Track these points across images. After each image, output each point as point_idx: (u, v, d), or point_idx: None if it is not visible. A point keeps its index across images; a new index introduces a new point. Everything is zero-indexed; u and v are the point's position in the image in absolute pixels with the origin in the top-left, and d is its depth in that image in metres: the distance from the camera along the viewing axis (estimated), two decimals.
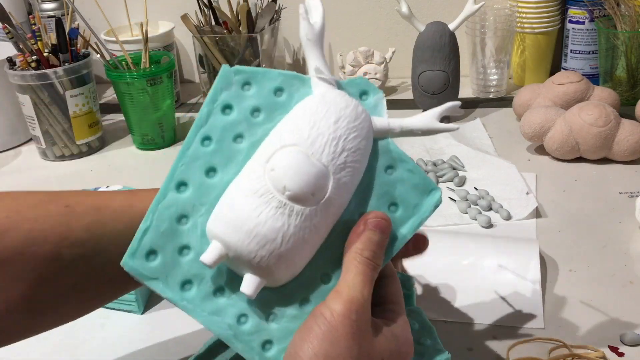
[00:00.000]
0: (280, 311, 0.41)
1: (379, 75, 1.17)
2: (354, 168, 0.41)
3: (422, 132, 0.44)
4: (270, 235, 0.39)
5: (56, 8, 1.31)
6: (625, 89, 1.05)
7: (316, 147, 0.40)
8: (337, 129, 0.40)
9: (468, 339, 0.59)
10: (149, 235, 0.41)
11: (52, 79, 0.99)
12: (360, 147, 0.41)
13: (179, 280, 0.41)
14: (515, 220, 0.77)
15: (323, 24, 0.44)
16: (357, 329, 0.37)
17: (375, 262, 0.40)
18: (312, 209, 0.39)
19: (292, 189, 0.39)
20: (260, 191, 0.39)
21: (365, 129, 0.42)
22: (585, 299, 0.63)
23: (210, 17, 1.15)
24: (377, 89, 0.45)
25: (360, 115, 0.42)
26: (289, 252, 0.39)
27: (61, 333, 0.63)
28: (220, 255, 0.39)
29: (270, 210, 0.39)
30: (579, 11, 1.10)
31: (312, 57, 0.43)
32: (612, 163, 0.89)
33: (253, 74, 0.43)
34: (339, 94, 0.42)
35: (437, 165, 0.90)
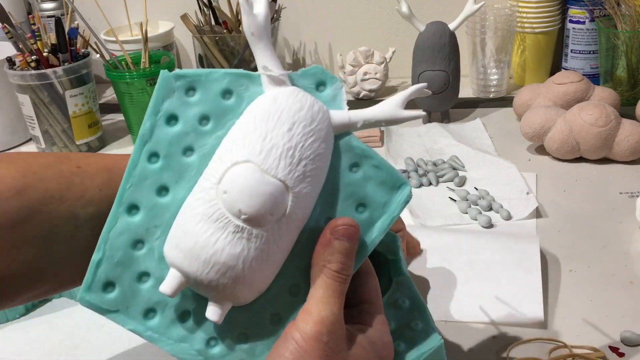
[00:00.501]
0: (249, 330, 0.39)
1: (379, 75, 1.17)
2: (315, 175, 0.38)
3: (386, 122, 0.40)
4: (230, 262, 0.37)
5: (56, 8, 1.31)
6: (625, 88, 1.05)
7: (270, 162, 0.36)
8: (292, 137, 0.37)
9: (468, 339, 0.59)
10: (104, 267, 0.39)
11: (52, 78, 0.99)
12: (320, 151, 0.38)
13: (140, 310, 0.39)
14: (516, 220, 0.77)
15: (267, 14, 0.39)
16: (329, 350, 0.36)
17: (344, 275, 0.38)
18: (273, 228, 0.37)
19: (248, 212, 0.36)
20: (214, 216, 0.36)
21: (324, 130, 0.38)
22: (585, 299, 0.63)
23: (210, 17, 1.15)
24: (334, 78, 0.41)
25: (317, 116, 0.38)
26: (252, 275, 0.37)
27: (61, 333, 0.63)
28: (180, 284, 0.37)
29: (227, 236, 0.36)
30: (579, 11, 1.10)
31: (259, 53, 0.39)
32: (613, 163, 0.89)
33: (196, 77, 0.40)
34: (291, 94, 0.38)
35: (437, 165, 0.90)
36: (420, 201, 0.83)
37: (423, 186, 0.86)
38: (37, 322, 0.65)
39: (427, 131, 1.00)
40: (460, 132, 1.01)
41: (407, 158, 0.91)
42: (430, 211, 0.80)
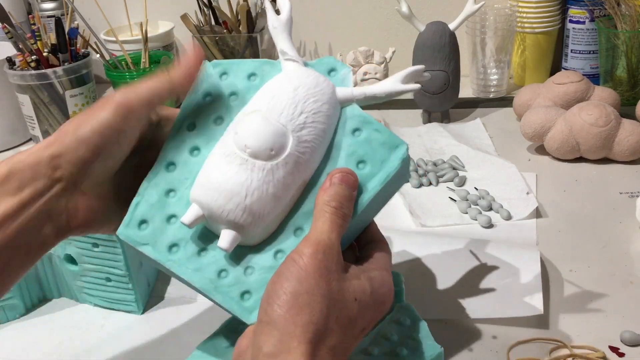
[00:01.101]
0: (256, 264, 0.45)
1: (379, 75, 1.17)
2: (315, 128, 0.45)
3: (385, 94, 0.47)
4: (235, 189, 0.43)
5: (56, 8, 1.31)
6: (625, 88, 1.05)
7: (275, 111, 0.45)
8: (295, 95, 0.45)
9: (468, 339, 0.59)
10: (141, 208, 0.46)
11: (52, 78, 0.99)
12: (322, 110, 0.45)
13: (166, 244, 0.45)
14: (516, 220, 0.77)
15: (289, 16, 0.49)
16: (324, 267, 0.40)
17: (342, 211, 0.43)
18: (273, 163, 0.44)
19: (251, 146, 0.44)
20: (226, 152, 0.44)
21: (327, 95, 0.46)
22: (585, 299, 0.63)
23: (210, 17, 1.15)
24: (345, 65, 0.49)
25: (321, 83, 0.46)
26: (254, 204, 0.43)
27: (61, 333, 0.63)
28: (197, 216, 0.44)
29: (234, 168, 0.44)
30: (580, 11, 1.10)
31: (279, 42, 0.48)
32: (613, 163, 0.89)
33: (229, 65, 0.49)
34: (302, 69, 0.47)
35: (437, 165, 0.90)
36: (421, 201, 0.83)
37: (423, 186, 0.86)
38: (37, 322, 0.65)
39: (427, 131, 1.00)
40: (460, 132, 1.01)
41: None
42: (430, 211, 0.80)
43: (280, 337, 0.37)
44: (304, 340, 0.37)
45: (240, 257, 0.45)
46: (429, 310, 0.61)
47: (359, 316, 0.41)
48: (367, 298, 0.42)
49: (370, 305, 0.42)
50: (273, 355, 0.37)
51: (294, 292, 0.39)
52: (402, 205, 0.82)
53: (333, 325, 0.39)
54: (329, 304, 0.39)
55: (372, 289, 0.42)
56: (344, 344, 0.40)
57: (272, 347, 0.37)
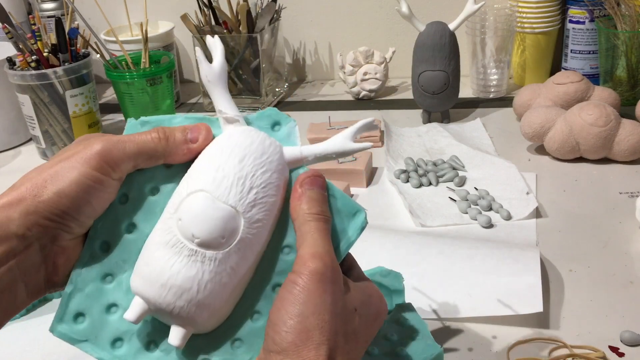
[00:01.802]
0: (212, 355, 0.41)
1: (379, 75, 1.17)
2: (267, 203, 0.41)
3: (336, 155, 0.43)
4: (185, 285, 0.39)
5: (56, 8, 1.31)
6: (625, 88, 1.05)
7: (222, 190, 0.39)
8: (242, 167, 0.40)
9: (468, 339, 0.59)
10: (75, 298, 0.41)
11: (52, 79, 0.99)
12: (272, 180, 0.41)
13: (109, 339, 0.41)
14: (516, 220, 0.77)
15: (222, 64, 0.44)
16: (327, 280, 0.38)
17: (325, 215, 0.41)
18: (225, 252, 0.39)
19: (200, 236, 0.39)
20: (171, 242, 0.39)
21: (275, 162, 0.41)
22: (585, 299, 0.63)
23: (210, 17, 1.15)
24: (288, 118, 0.44)
25: (268, 149, 0.41)
26: (208, 298, 0.39)
27: None
28: (143, 311, 0.40)
29: (182, 260, 0.39)
30: (579, 11, 1.10)
31: (215, 98, 0.44)
32: (613, 163, 0.89)
33: (159, 122, 0.44)
34: (244, 131, 0.42)
35: (437, 165, 0.90)
36: (421, 201, 0.83)
37: (423, 186, 0.86)
38: (37, 322, 0.65)
39: (427, 131, 1.00)
40: (460, 132, 1.01)
41: (407, 158, 0.91)
42: (430, 211, 0.80)
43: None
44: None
45: (195, 348, 0.41)
46: (429, 310, 0.61)
47: (361, 328, 0.40)
48: (364, 309, 0.41)
49: (367, 316, 0.41)
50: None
51: (300, 315, 0.37)
52: (402, 205, 0.82)
53: (340, 341, 0.38)
54: (336, 319, 0.38)
55: (368, 298, 0.42)
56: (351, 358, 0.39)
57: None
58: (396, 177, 0.88)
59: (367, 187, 0.88)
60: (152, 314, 0.40)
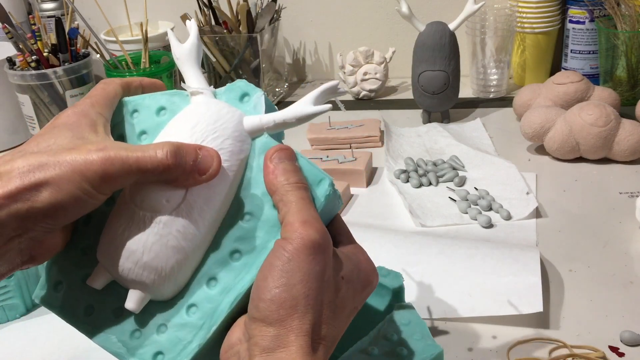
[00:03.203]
0: (168, 322, 0.41)
1: (379, 75, 1.17)
2: None
3: (296, 119, 0.43)
4: (131, 246, 0.40)
5: (56, 8, 1.31)
6: (625, 89, 1.05)
7: None
8: (193, 133, 0.41)
9: (468, 339, 0.59)
10: (56, 268, 0.44)
11: (52, 78, 0.99)
12: (224, 146, 0.41)
13: (83, 307, 0.43)
14: (516, 220, 0.77)
15: (195, 42, 0.46)
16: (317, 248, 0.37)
17: (303, 183, 0.40)
18: (170, 215, 0.39)
19: (144, 199, 0.40)
20: (123, 207, 0.40)
21: (230, 129, 0.42)
22: (585, 299, 0.63)
23: (210, 17, 1.15)
24: (256, 89, 0.44)
25: (224, 117, 0.42)
26: (155, 260, 0.40)
27: (61, 333, 0.63)
28: (104, 276, 0.41)
29: (130, 224, 0.40)
30: (579, 11, 1.10)
31: (185, 73, 0.45)
32: (612, 163, 0.89)
33: (139, 100, 0.45)
34: (203, 102, 0.43)
35: (437, 165, 0.90)
36: (420, 201, 0.83)
37: (423, 186, 0.86)
38: (37, 322, 0.65)
39: (427, 131, 1.00)
40: (460, 132, 1.01)
41: (407, 158, 0.91)
42: (430, 211, 0.80)
43: (277, 332, 0.36)
44: (301, 333, 0.36)
45: (153, 314, 0.42)
46: (429, 310, 0.61)
47: (348, 297, 0.39)
48: (353, 276, 0.40)
49: (356, 284, 0.40)
50: (270, 350, 0.36)
51: (287, 283, 0.36)
52: (402, 205, 0.82)
53: (326, 311, 0.37)
54: (323, 289, 0.37)
55: (355, 266, 0.41)
56: (336, 330, 0.38)
57: (269, 343, 0.36)
58: (396, 177, 0.88)
59: (367, 187, 0.88)
60: (113, 279, 0.42)
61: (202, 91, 0.44)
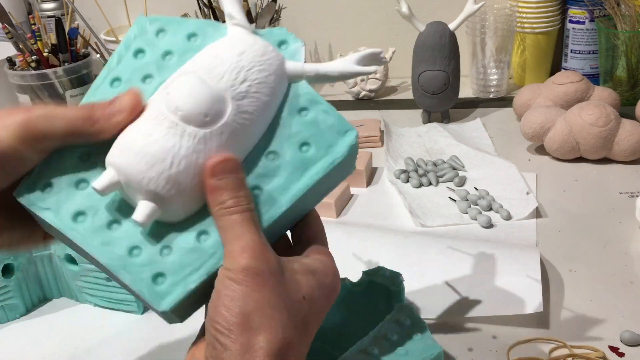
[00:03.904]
0: (175, 244, 0.39)
1: (379, 75, 1.17)
2: (258, 99, 0.40)
3: (338, 74, 0.43)
4: (159, 154, 0.38)
5: (56, 8, 1.31)
6: (625, 89, 1.05)
7: (215, 74, 0.40)
8: (240, 60, 0.40)
9: (468, 339, 0.59)
10: (47, 169, 0.40)
11: (52, 79, 0.99)
12: (268, 81, 0.41)
13: (71, 212, 0.40)
14: (516, 220, 0.77)
15: None
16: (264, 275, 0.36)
17: (243, 205, 0.38)
18: (207, 131, 0.38)
19: (183, 109, 0.38)
20: (154, 113, 0.39)
21: (275, 66, 0.41)
22: (585, 299, 0.63)
23: (210, 17, 1.15)
24: (297, 39, 0.44)
25: (269, 53, 0.41)
26: (180, 175, 0.38)
27: (61, 333, 0.63)
28: (112, 181, 0.38)
29: (162, 131, 0.38)
30: (579, 11, 1.10)
31: (226, 4, 0.43)
32: (612, 163, 0.89)
33: (168, 22, 0.44)
34: (251, 35, 0.42)
35: (437, 165, 0.90)
36: (420, 201, 0.83)
37: (423, 186, 0.86)
38: (37, 322, 0.65)
39: (427, 131, 1.00)
40: (460, 132, 1.01)
41: (407, 158, 0.91)
42: (430, 211, 0.80)
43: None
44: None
45: (158, 234, 0.39)
46: (429, 310, 0.61)
47: (311, 315, 0.38)
48: (315, 293, 0.38)
49: (318, 300, 0.38)
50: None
51: (242, 313, 0.35)
52: (402, 205, 0.82)
53: (290, 334, 0.36)
54: (282, 313, 0.36)
55: (318, 281, 0.39)
56: (302, 350, 0.37)
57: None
58: (396, 177, 0.88)
59: (367, 187, 0.88)
60: (121, 188, 0.39)
61: (245, 26, 0.43)
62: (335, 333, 0.57)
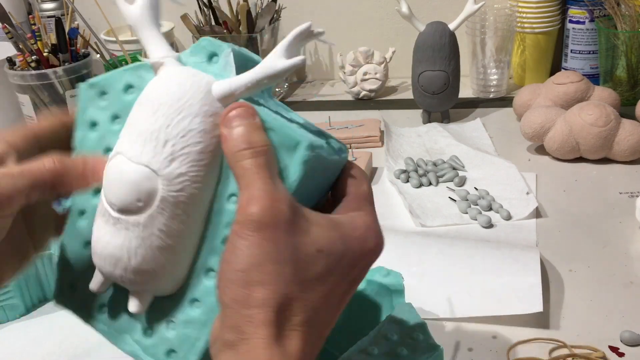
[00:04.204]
0: (176, 318, 0.39)
1: (379, 75, 1.17)
2: (190, 153, 0.36)
3: (268, 79, 0.36)
4: (116, 254, 0.37)
5: (56, 8, 1.31)
6: (625, 89, 1.05)
7: (135, 149, 0.36)
8: (156, 120, 0.36)
9: (468, 339, 0.59)
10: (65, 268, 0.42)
11: (52, 79, 0.99)
12: (193, 127, 0.36)
13: (97, 305, 0.42)
14: (516, 220, 0.77)
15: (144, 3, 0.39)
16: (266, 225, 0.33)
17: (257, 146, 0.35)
18: (148, 215, 0.36)
19: (116, 203, 0.36)
20: (101, 211, 0.38)
21: (197, 105, 0.36)
22: (585, 299, 0.63)
23: (210, 17, 1.15)
24: (224, 45, 0.39)
25: (187, 92, 0.36)
26: (143, 264, 0.37)
27: (61, 333, 0.63)
28: (103, 280, 0.40)
29: (110, 230, 0.37)
30: (579, 11, 1.10)
31: (143, 41, 0.39)
32: (612, 163, 0.89)
33: (105, 81, 0.41)
34: (163, 77, 0.38)
35: (437, 165, 0.90)
36: (421, 201, 0.83)
37: (423, 186, 0.86)
38: (37, 322, 0.65)
39: (427, 131, 1.00)
40: (460, 132, 1.01)
41: (407, 158, 0.91)
42: (430, 211, 0.80)
43: (237, 323, 0.33)
44: (262, 323, 0.32)
45: (161, 310, 0.40)
46: (429, 310, 0.61)
47: (330, 272, 0.34)
48: (336, 247, 0.34)
49: (343, 256, 0.35)
50: (233, 345, 0.33)
51: (244, 269, 0.33)
52: (402, 205, 0.82)
53: (295, 290, 0.33)
54: (285, 267, 0.33)
55: (342, 234, 0.35)
56: (320, 314, 0.34)
57: (231, 335, 0.33)
58: (396, 177, 0.88)
59: None
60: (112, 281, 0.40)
61: (163, 60, 0.38)
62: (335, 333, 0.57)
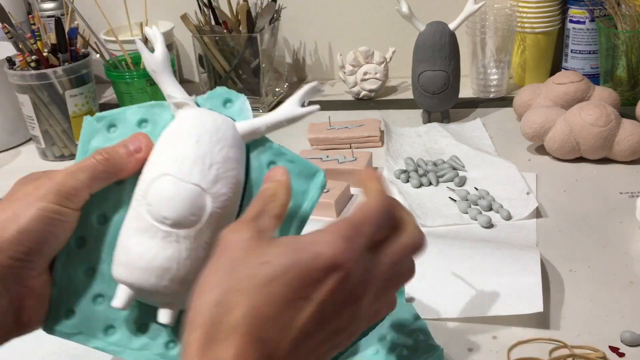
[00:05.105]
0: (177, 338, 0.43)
1: (379, 75, 1.17)
2: (229, 177, 0.42)
3: (287, 121, 0.45)
4: (165, 265, 0.41)
5: (56, 8, 1.31)
6: (625, 88, 1.05)
7: (184, 170, 0.41)
8: (200, 147, 0.42)
9: (468, 339, 0.59)
10: (62, 296, 0.44)
11: (52, 78, 0.99)
12: (230, 155, 0.42)
13: (100, 328, 0.44)
14: (516, 220, 0.77)
15: (164, 50, 0.45)
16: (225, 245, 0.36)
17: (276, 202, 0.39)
18: (198, 228, 0.41)
19: (171, 217, 0.41)
20: (144, 227, 0.41)
21: (230, 138, 0.43)
22: (585, 299, 0.63)
23: (210, 17, 1.15)
24: (238, 95, 0.45)
25: (221, 127, 0.43)
26: (189, 274, 0.41)
27: None
28: (129, 296, 0.42)
29: (158, 242, 0.41)
30: (580, 11, 1.10)
31: (163, 85, 0.45)
32: (613, 163, 0.89)
33: (114, 115, 0.45)
34: (195, 114, 0.43)
35: (437, 165, 0.90)
36: (421, 201, 0.83)
37: (423, 186, 0.86)
38: None
39: (427, 131, 1.00)
40: (460, 132, 1.01)
41: (407, 158, 0.91)
42: (430, 211, 0.80)
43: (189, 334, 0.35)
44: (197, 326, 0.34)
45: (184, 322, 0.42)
46: (429, 310, 0.61)
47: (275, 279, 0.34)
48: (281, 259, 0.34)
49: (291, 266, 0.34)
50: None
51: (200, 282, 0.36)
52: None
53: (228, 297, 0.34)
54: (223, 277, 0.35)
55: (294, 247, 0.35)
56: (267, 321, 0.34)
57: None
58: (396, 177, 0.88)
59: None
60: (137, 297, 0.43)
61: (187, 101, 0.44)
62: None
